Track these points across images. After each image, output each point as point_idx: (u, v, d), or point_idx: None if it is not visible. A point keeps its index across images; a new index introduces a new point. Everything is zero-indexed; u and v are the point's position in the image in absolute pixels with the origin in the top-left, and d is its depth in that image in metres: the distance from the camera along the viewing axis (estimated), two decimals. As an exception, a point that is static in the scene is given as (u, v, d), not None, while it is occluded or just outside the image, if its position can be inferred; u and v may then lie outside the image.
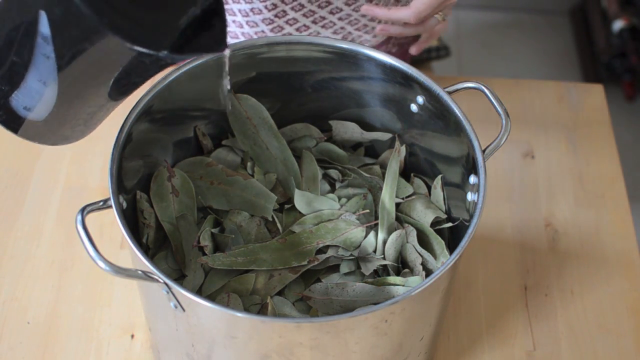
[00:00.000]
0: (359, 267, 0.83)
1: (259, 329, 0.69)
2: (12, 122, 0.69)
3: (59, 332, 0.94)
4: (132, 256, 0.74)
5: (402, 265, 0.84)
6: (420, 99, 0.84)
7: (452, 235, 0.85)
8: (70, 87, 0.66)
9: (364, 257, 0.83)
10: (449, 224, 0.85)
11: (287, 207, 0.88)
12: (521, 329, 0.97)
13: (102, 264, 0.67)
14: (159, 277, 0.67)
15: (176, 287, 0.67)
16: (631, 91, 2.25)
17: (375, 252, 0.84)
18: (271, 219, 0.86)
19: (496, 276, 1.01)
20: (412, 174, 0.90)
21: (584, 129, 1.17)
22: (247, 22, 1.05)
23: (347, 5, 1.03)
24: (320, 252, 0.83)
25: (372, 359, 0.75)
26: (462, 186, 0.82)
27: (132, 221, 0.82)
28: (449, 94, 0.81)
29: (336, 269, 0.84)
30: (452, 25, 2.30)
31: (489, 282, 1.00)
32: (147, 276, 0.68)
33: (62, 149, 1.10)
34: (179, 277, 0.82)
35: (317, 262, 0.81)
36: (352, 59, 0.85)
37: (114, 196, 0.72)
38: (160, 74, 0.70)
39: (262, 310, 0.80)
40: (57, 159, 1.09)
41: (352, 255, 0.83)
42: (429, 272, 0.82)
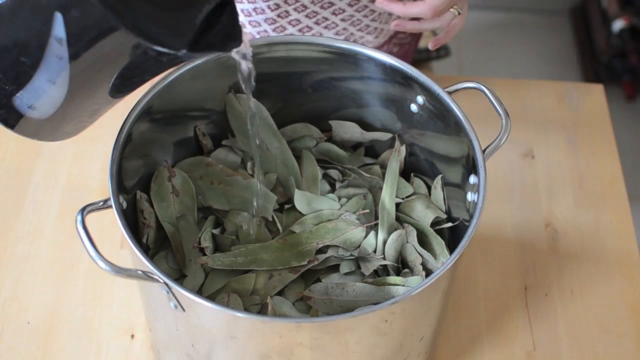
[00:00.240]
0: (359, 267, 0.83)
1: (259, 329, 0.69)
2: (11, 120, 0.68)
3: (59, 332, 0.94)
4: (132, 256, 0.74)
5: (402, 265, 0.84)
6: (420, 99, 0.84)
7: (452, 235, 0.85)
8: (80, 87, 0.65)
9: (364, 257, 0.83)
10: (449, 224, 0.85)
11: (287, 207, 0.88)
12: (521, 329, 0.97)
13: (102, 264, 0.67)
14: (159, 277, 0.67)
15: (176, 287, 0.67)
16: (631, 91, 2.25)
17: (375, 252, 0.84)
18: (271, 219, 0.86)
19: (496, 276, 1.01)
20: (412, 174, 0.90)
21: (584, 129, 1.17)
22: (249, 22, 1.05)
23: (350, 6, 1.03)
24: (320, 252, 0.83)
25: (372, 359, 0.75)
26: (462, 186, 0.82)
27: (132, 221, 0.82)
28: (449, 94, 0.81)
29: (336, 269, 0.84)
30: (452, 25, 2.30)
31: (489, 282, 1.00)
32: (147, 276, 0.68)
33: (62, 149, 1.10)
34: (179, 277, 0.82)
35: (317, 262, 0.82)
36: (352, 59, 0.85)
37: (114, 196, 0.72)
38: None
39: (262, 310, 0.80)
40: (57, 159, 1.10)
41: (352, 255, 0.83)
42: (429, 272, 0.82)
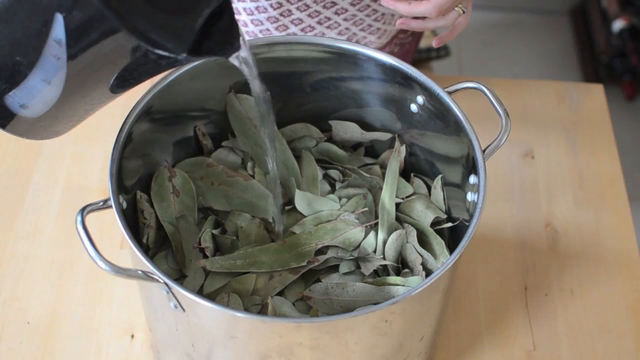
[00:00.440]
0: (358, 267, 0.83)
1: (259, 329, 0.69)
2: (2, 119, 0.68)
3: (59, 332, 0.94)
4: (132, 256, 0.74)
5: (402, 265, 0.84)
6: (420, 99, 0.84)
7: (452, 235, 0.85)
8: (76, 87, 0.65)
9: (364, 257, 0.83)
10: (449, 224, 0.85)
11: (287, 208, 0.88)
12: (521, 329, 0.97)
13: (102, 264, 0.67)
14: (159, 277, 0.67)
15: (176, 287, 0.67)
16: (631, 91, 2.25)
17: (375, 252, 0.84)
18: (271, 220, 0.86)
19: (496, 276, 1.01)
20: (412, 174, 0.90)
21: (584, 129, 1.17)
22: (251, 21, 1.05)
23: (352, 5, 1.03)
24: (319, 252, 0.83)
25: (372, 359, 0.75)
26: (462, 186, 0.82)
27: (132, 221, 0.82)
28: (449, 94, 0.81)
29: (336, 269, 0.84)
30: (452, 25, 2.30)
31: (489, 282, 1.00)
32: (147, 276, 0.68)
33: (62, 149, 1.10)
34: (179, 277, 0.82)
35: (317, 263, 0.81)
36: (352, 59, 0.85)
37: (114, 196, 0.72)
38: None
39: (262, 310, 0.80)
40: (57, 159, 1.10)
41: (351, 255, 0.83)
42: (429, 272, 0.82)
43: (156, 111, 0.81)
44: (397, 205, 0.87)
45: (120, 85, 0.67)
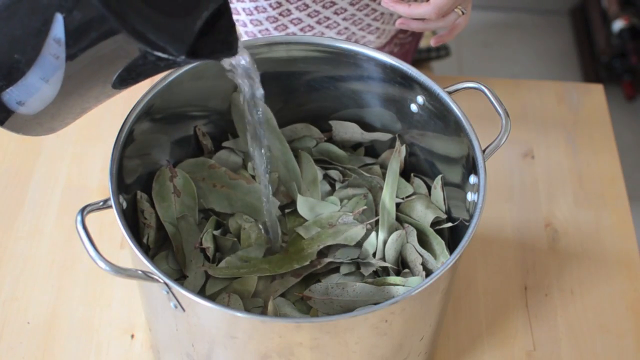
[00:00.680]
0: (358, 267, 0.83)
1: (259, 329, 0.69)
2: None
3: (59, 332, 0.94)
4: (132, 256, 0.74)
5: (402, 265, 0.84)
6: (420, 99, 0.84)
7: (452, 235, 0.85)
8: (74, 86, 0.66)
9: (364, 261, 0.83)
10: (449, 224, 0.85)
11: (287, 210, 0.87)
12: (521, 329, 0.97)
13: (102, 264, 0.67)
14: (159, 277, 0.67)
15: (176, 287, 0.67)
16: (631, 91, 2.25)
17: (375, 252, 0.84)
18: (265, 227, 0.86)
19: (496, 276, 1.01)
20: (412, 174, 0.90)
21: (584, 129, 1.17)
22: (250, 21, 1.05)
23: (351, 5, 1.03)
24: (321, 253, 0.83)
25: (372, 359, 0.75)
26: (462, 186, 0.82)
27: (132, 221, 0.82)
28: (449, 94, 0.81)
29: (336, 269, 0.84)
30: (452, 25, 2.30)
31: (489, 282, 1.00)
32: (147, 276, 0.68)
33: (62, 149, 1.10)
34: (180, 278, 0.82)
35: (319, 266, 0.81)
36: (351, 59, 0.85)
37: (114, 196, 0.72)
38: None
39: (263, 311, 0.80)
40: (57, 159, 1.10)
41: (352, 259, 0.83)
42: (429, 272, 0.82)
43: (156, 111, 0.81)
44: (397, 205, 0.87)
45: (118, 84, 0.67)
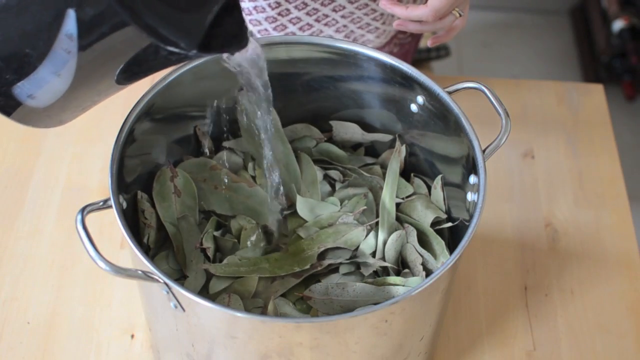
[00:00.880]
0: (358, 267, 0.83)
1: (259, 329, 0.69)
2: (8, 107, 0.68)
3: (59, 332, 0.94)
4: (132, 256, 0.74)
5: (402, 265, 0.84)
6: (420, 99, 0.84)
7: (452, 235, 0.85)
8: (85, 80, 0.66)
9: (364, 262, 0.83)
10: (449, 224, 0.85)
11: (287, 212, 0.87)
12: (521, 329, 0.97)
13: (102, 264, 0.67)
14: (159, 277, 0.67)
15: (176, 287, 0.67)
16: (631, 91, 2.25)
17: (375, 252, 0.84)
18: (271, 227, 0.86)
19: (496, 276, 1.01)
20: (412, 174, 0.90)
21: (584, 129, 1.17)
22: (250, 21, 1.05)
23: (350, 3, 1.03)
24: (321, 255, 0.83)
25: (372, 359, 0.75)
26: (462, 186, 0.82)
27: (133, 221, 0.82)
28: (449, 94, 0.81)
29: (336, 269, 0.84)
30: (452, 25, 2.30)
31: (489, 282, 1.00)
32: (147, 276, 0.68)
33: (62, 149, 1.10)
34: (180, 278, 0.82)
35: (320, 268, 0.81)
36: (352, 59, 0.85)
37: (114, 196, 0.72)
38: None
39: (263, 311, 0.80)
40: (57, 159, 1.10)
41: (352, 260, 0.83)
42: (429, 272, 0.82)
43: (157, 110, 0.81)
44: (398, 205, 0.87)
45: (128, 78, 0.67)
